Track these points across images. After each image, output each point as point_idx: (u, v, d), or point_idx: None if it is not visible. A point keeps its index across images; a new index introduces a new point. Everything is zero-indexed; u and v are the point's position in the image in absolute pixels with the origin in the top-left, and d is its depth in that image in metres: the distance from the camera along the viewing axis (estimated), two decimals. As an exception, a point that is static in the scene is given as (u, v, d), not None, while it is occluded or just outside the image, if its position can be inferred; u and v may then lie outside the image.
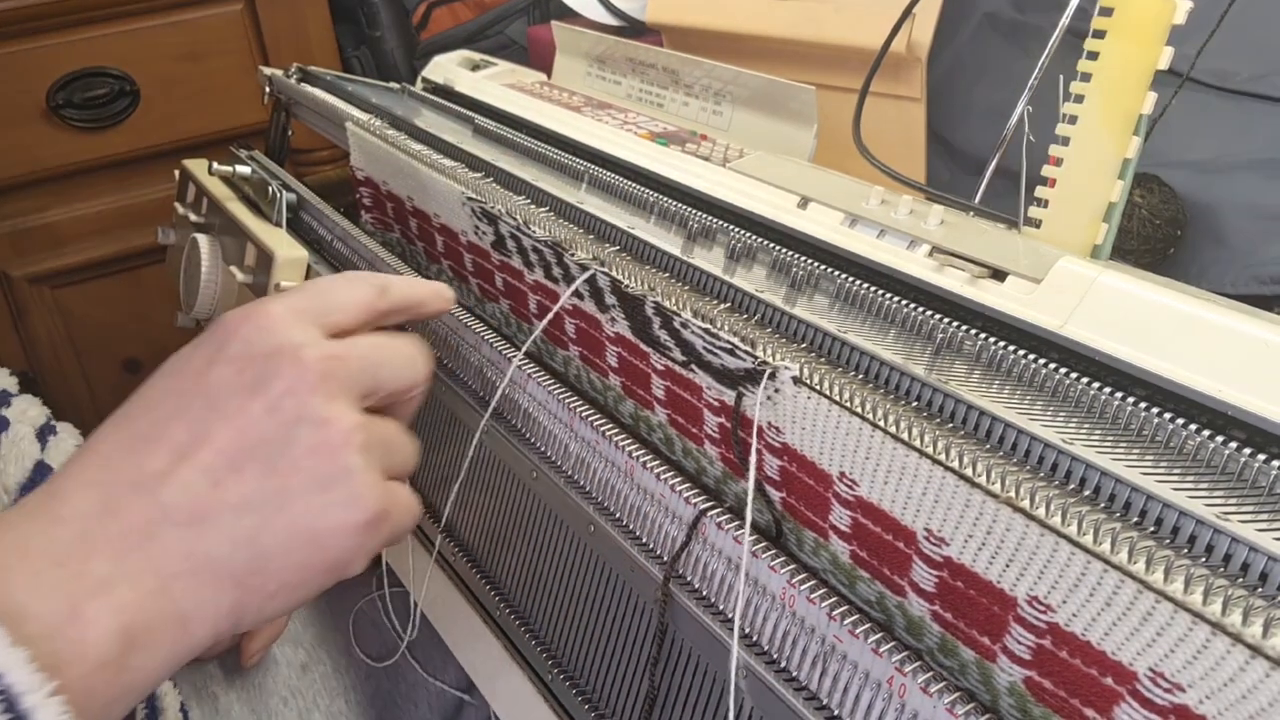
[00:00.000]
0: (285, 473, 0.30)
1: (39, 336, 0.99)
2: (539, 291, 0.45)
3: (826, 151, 0.55)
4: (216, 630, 0.30)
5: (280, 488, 0.30)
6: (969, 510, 0.25)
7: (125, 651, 0.27)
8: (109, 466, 0.30)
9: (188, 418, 0.30)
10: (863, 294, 0.36)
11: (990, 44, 0.75)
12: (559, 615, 0.42)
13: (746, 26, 0.76)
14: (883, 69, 0.57)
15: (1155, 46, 0.34)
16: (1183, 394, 0.28)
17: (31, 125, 0.90)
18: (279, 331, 0.32)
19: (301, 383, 0.31)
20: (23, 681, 0.24)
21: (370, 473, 0.32)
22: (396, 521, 0.33)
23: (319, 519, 0.31)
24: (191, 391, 0.31)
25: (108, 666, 0.27)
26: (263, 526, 0.30)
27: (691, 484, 0.35)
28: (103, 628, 0.27)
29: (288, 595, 0.31)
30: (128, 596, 0.27)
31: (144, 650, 0.28)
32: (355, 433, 0.32)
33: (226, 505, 0.30)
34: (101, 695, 0.27)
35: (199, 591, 0.29)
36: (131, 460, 0.30)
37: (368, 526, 0.32)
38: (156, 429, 0.30)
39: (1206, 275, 0.62)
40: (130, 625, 0.27)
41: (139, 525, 0.28)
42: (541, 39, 0.94)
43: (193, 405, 0.31)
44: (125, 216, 0.98)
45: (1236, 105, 0.63)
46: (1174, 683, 0.21)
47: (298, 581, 0.31)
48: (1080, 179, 0.36)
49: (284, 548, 0.30)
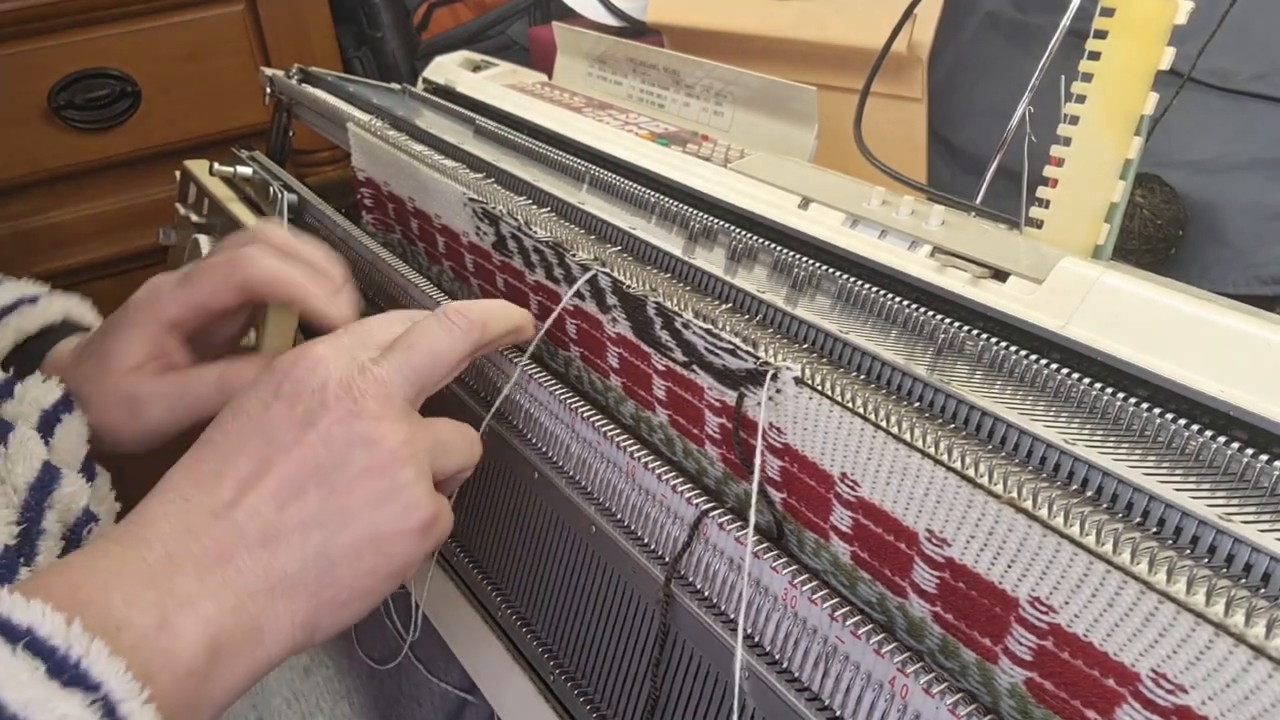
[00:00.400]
0: (344, 492, 0.33)
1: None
2: (540, 292, 0.45)
3: (828, 152, 0.55)
4: (293, 641, 0.32)
5: (340, 506, 0.33)
6: (971, 511, 0.25)
7: (210, 662, 0.30)
8: (185, 499, 0.32)
9: (250, 453, 0.33)
10: (864, 294, 0.36)
11: (991, 44, 0.75)
12: (561, 616, 0.42)
13: (748, 27, 0.76)
14: (884, 69, 0.57)
15: (1157, 46, 0.34)
16: (1185, 394, 0.28)
17: (33, 126, 0.90)
18: (324, 368, 0.35)
19: (348, 410, 0.34)
20: (120, 690, 0.26)
21: (421, 483, 0.35)
22: (445, 524, 0.36)
23: (379, 529, 0.34)
24: (251, 430, 0.34)
25: (194, 674, 0.29)
26: (328, 541, 0.33)
27: (693, 485, 0.35)
28: (191, 638, 0.29)
29: (358, 603, 0.34)
30: (211, 610, 0.30)
31: (226, 661, 0.30)
32: (403, 448, 0.34)
33: (293, 525, 0.33)
34: (186, 703, 0.29)
35: (274, 605, 0.32)
36: (204, 493, 0.32)
37: (422, 531, 0.35)
38: (223, 465, 0.33)
39: (1208, 275, 0.62)
40: (215, 637, 0.30)
41: (217, 548, 0.31)
42: (542, 39, 0.94)
43: (253, 441, 0.34)
44: (126, 217, 0.98)
45: (1238, 105, 0.63)
46: (1177, 684, 0.21)
47: (365, 589, 0.34)
48: (1082, 179, 0.36)
49: (349, 559, 0.33)
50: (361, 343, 0.37)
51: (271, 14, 0.98)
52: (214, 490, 0.33)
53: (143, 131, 0.95)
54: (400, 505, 0.34)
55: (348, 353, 0.36)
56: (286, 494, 0.33)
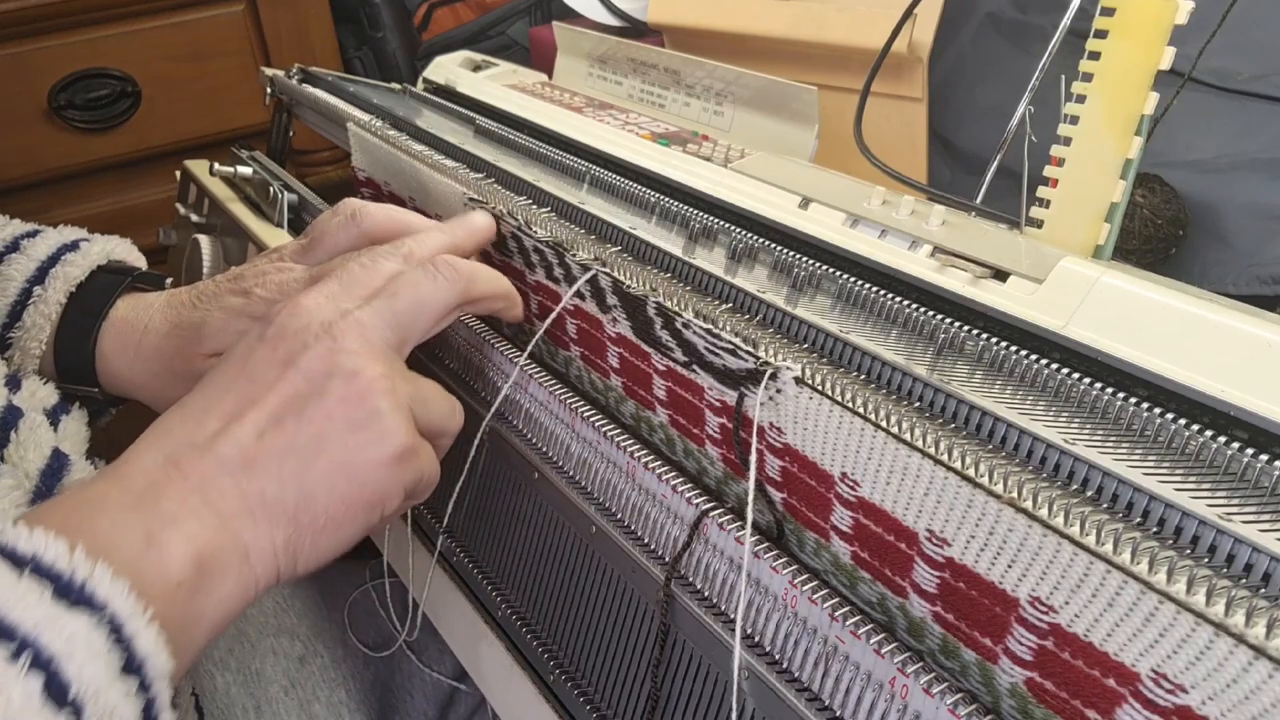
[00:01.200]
0: (320, 420, 0.34)
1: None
2: (540, 292, 0.45)
3: (828, 152, 0.55)
4: (276, 565, 0.33)
5: (317, 433, 0.34)
6: (971, 511, 0.25)
7: (198, 575, 0.31)
8: (170, 434, 0.34)
9: (235, 392, 0.35)
10: (864, 294, 0.36)
11: (992, 44, 0.75)
12: (561, 616, 0.42)
13: (748, 27, 0.76)
14: (884, 69, 0.57)
15: (1157, 46, 0.34)
16: (1185, 394, 0.28)
17: (33, 126, 0.90)
18: (306, 313, 0.36)
19: (328, 347, 0.35)
20: (125, 608, 0.27)
21: (397, 414, 0.35)
22: (424, 466, 0.37)
23: (354, 455, 0.34)
24: (237, 373, 0.35)
25: (183, 587, 0.30)
26: (305, 466, 0.34)
27: (693, 485, 0.35)
28: (177, 553, 0.30)
29: (336, 530, 0.35)
30: (194, 529, 0.31)
31: (213, 576, 0.31)
32: (379, 380, 0.35)
33: (272, 451, 0.33)
34: (179, 619, 0.29)
35: (255, 526, 0.33)
36: (189, 428, 0.34)
37: (397, 460, 0.35)
38: (209, 403, 0.35)
39: (1209, 275, 0.62)
40: (200, 552, 0.31)
41: (198, 474, 0.32)
42: (543, 39, 0.94)
43: (238, 382, 0.35)
44: (126, 217, 0.98)
45: (1239, 105, 0.63)
46: (1177, 684, 0.21)
47: (342, 515, 0.34)
48: (1082, 179, 0.36)
49: (326, 483, 0.34)
50: (347, 290, 0.38)
51: (272, 14, 0.98)
52: (199, 425, 0.34)
53: (143, 131, 0.95)
54: (374, 432, 0.35)
55: (332, 300, 0.37)
56: (265, 423, 0.34)
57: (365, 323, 0.36)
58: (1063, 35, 0.41)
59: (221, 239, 0.67)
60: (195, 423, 0.34)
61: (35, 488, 0.38)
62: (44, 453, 0.40)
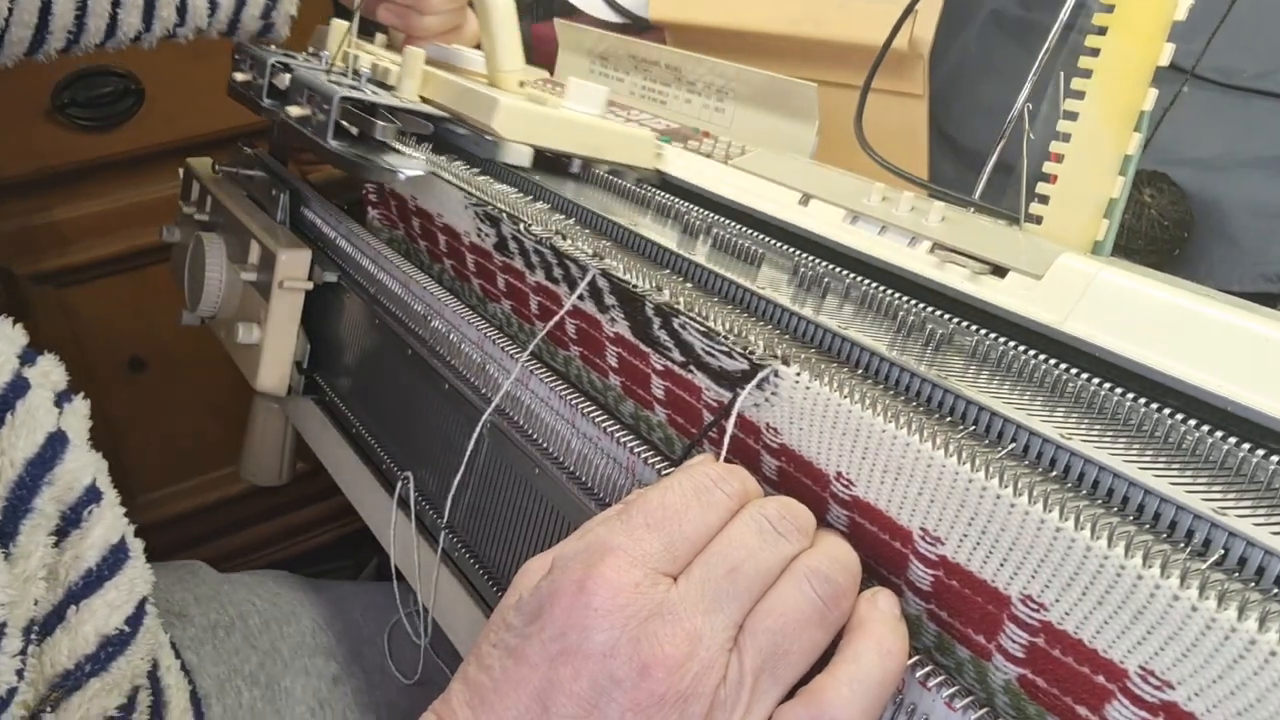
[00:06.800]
0: None
1: (44, 335, 0.99)
2: (540, 293, 0.45)
3: (828, 148, 0.55)
4: None
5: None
6: (965, 509, 0.25)
7: None
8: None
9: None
10: (863, 290, 0.36)
11: (996, 41, 0.75)
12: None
13: (749, 23, 0.76)
14: (885, 65, 0.56)
15: (1156, 43, 0.34)
16: (1182, 389, 0.28)
17: (36, 124, 0.91)
18: (619, 615, 0.25)
19: (650, 698, 0.25)
20: None
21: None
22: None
23: None
24: (529, 686, 0.26)
25: None
26: None
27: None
28: None
29: None
30: None
31: None
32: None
33: None
34: None
35: None
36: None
37: None
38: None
39: (1214, 274, 0.62)
40: None
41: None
42: (545, 36, 0.93)
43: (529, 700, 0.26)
44: (130, 215, 0.98)
45: (1243, 103, 0.63)
46: (1164, 680, 0.21)
47: None
48: (1081, 175, 0.36)
49: None
50: (668, 546, 0.27)
51: (275, 12, 0.98)
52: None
53: (145, 129, 0.95)
54: None
55: (651, 573, 0.26)
56: None
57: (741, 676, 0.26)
58: (1060, 31, 0.41)
59: (224, 236, 0.67)
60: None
61: (17, 478, 0.36)
62: (36, 440, 0.37)
